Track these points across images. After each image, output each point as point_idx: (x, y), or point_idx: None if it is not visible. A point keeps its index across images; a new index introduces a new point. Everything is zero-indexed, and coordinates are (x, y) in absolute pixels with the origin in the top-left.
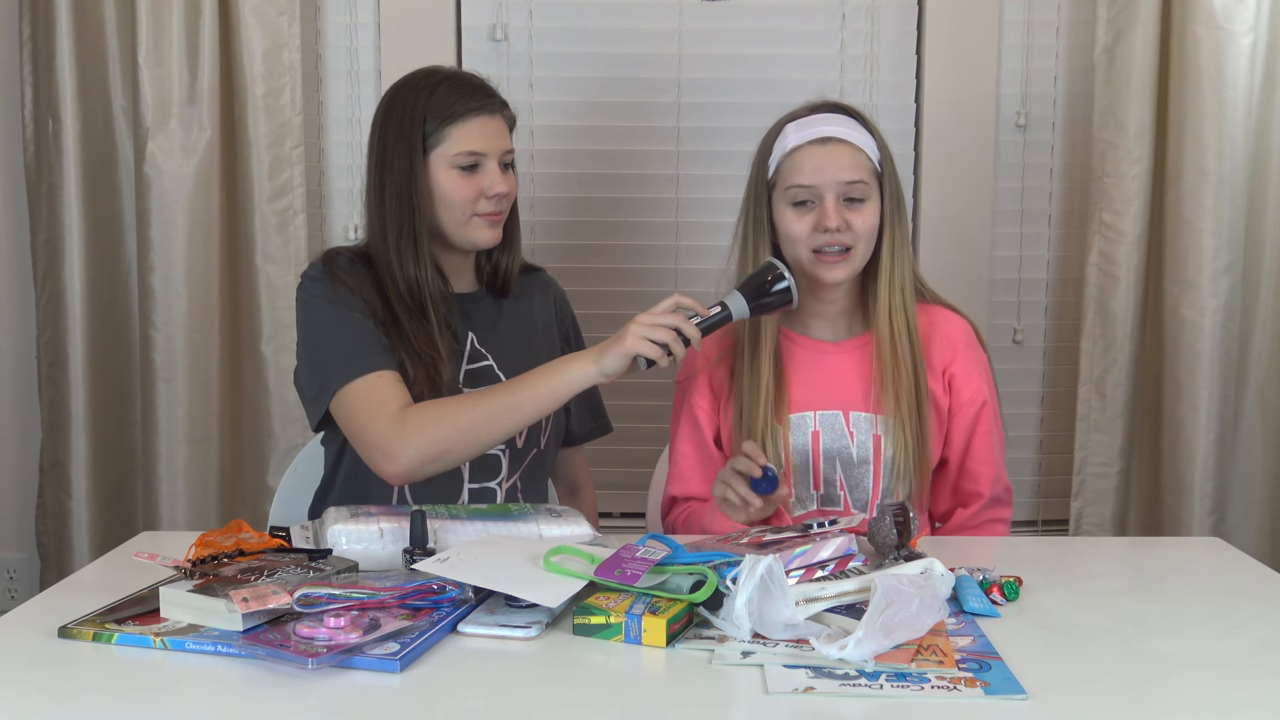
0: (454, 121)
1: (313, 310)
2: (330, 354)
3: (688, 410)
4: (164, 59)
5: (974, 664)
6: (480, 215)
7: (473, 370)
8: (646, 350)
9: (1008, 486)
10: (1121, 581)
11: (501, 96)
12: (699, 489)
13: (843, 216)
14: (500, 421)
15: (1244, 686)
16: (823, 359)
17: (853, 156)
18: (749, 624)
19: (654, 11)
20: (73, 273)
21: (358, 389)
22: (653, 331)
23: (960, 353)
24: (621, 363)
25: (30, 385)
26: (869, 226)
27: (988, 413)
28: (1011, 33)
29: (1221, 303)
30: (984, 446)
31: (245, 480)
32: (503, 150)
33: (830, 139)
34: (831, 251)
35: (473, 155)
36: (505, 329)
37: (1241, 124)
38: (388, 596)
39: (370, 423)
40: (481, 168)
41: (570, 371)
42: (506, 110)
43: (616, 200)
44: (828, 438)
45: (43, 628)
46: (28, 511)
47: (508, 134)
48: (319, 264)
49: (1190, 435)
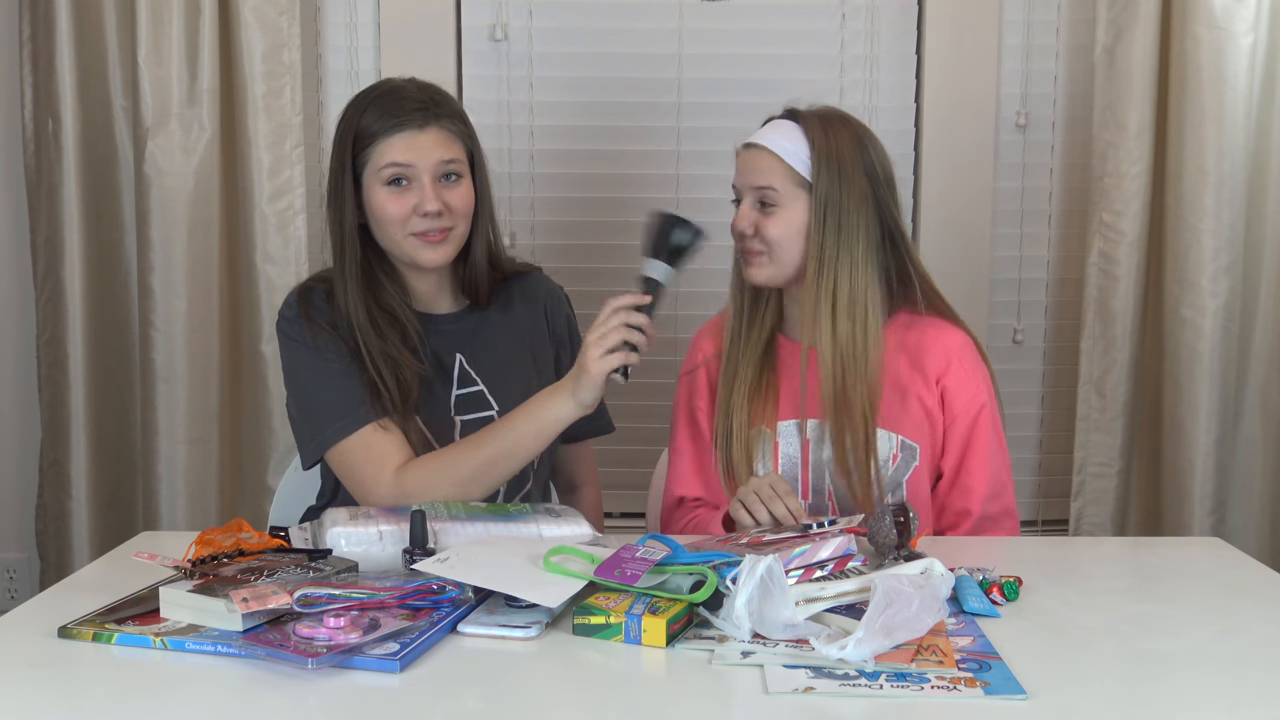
0: (378, 138)
1: (295, 356)
2: (320, 405)
3: (689, 409)
4: (164, 59)
5: (974, 664)
6: (416, 235)
7: (463, 396)
8: (609, 366)
9: (1009, 509)
10: (1121, 581)
11: (446, 106)
12: (700, 490)
13: (754, 220)
14: (498, 468)
15: (1244, 686)
16: (814, 366)
17: (768, 162)
18: (749, 624)
19: (654, 11)
20: (73, 273)
21: (354, 445)
22: (605, 343)
23: (953, 364)
24: (596, 391)
25: (30, 385)
26: (777, 234)
27: (984, 426)
28: (1011, 33)
29: (1221, 303)
30: (979, 461)
31: (245, 480)
32: (436, 161)
33: (753, 144)
34: (750, 251)
35: (397, 168)
36: (493, 346)
37: (1241, 124)
38: (387, 596)
39: (371, 486)
40: (413, 183)
41: (552, 410)
42: (447, 121)
43: (616, 200)
44: (817, 446)
45: (43, 628)
46: (28, 511)
47: (449, 144)
48: (294, 303)
49: (1190, 435)
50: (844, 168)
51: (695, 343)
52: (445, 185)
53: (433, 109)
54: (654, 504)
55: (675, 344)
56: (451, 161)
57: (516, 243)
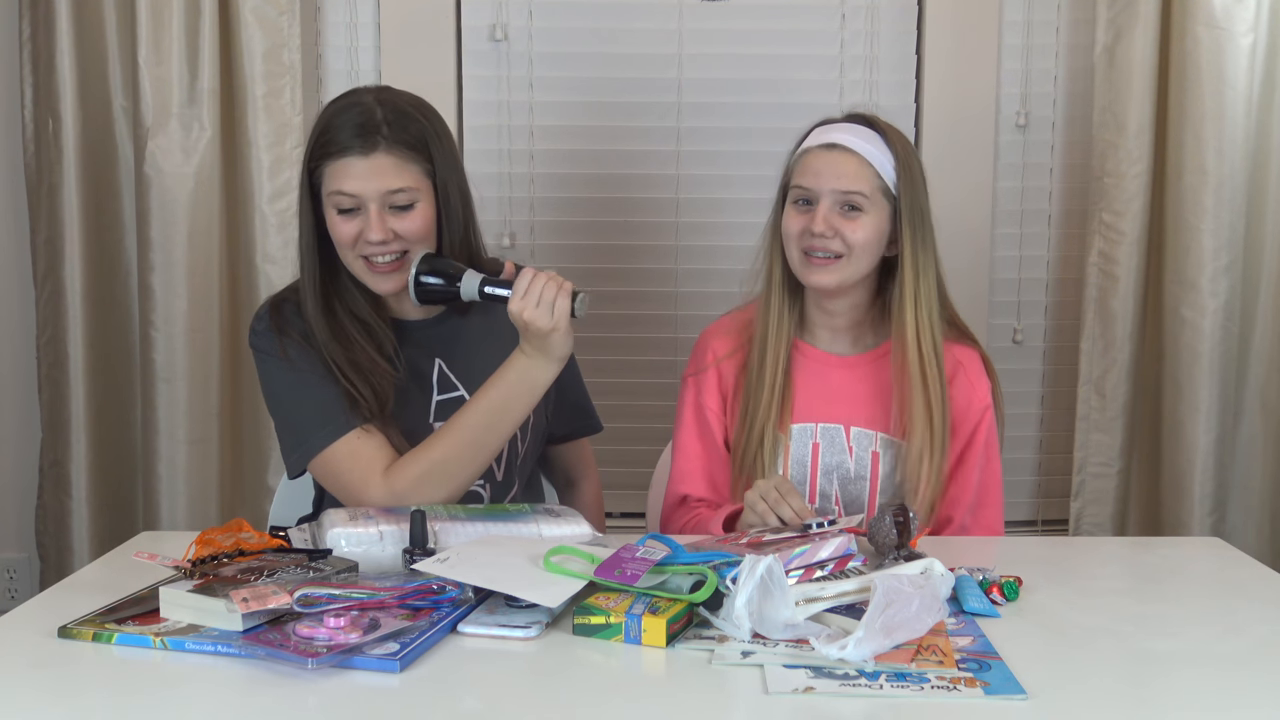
0: (327, 159)
1: (269, 368)
2: (301, 414)
3: (697, 408)
4: (164, 59)
5: (974, 664)
6: (364, 260)
7: (444, 401)
8: (564, 310)
9: (992, 527)
10: (1121, 581)
11: (394, 129)
12: (705, 489)
13: (833, 224)
14: (483, 445)
15: (1244, 686)
16: (830, 371)
17: (856, 166)
18: (749, 624)
19: (654, 11)
20: (73, 272)
21: (339, 452)
22: (546, 297)
23: (957, 375)
24: (568, 344)
25: (30, 385)
26: (861, 238)
27: (980, 439)
28: (1011, 33)
29: (1221, 303)
30: (967, 471)
31: (245, 480)
32: (381, 192)
33: (837, 146)
34: (819, 255)
35: (342, 196)
36: (474, 350)
37: (1241, 124)
38: (388, 596)
39: (360, 491)
40: (361, 210)
41: (530, 373)
42: (394, 146)
43: (616, 200)
44: (827, 451)
45: (43, 628)
46: (28, 511)
47: (396, 172)
48: (265, 316)
49: (1190, 435)
50: (918, 179)
51: (705, 343)
52: (394, 214)
53: (380, 133)
54: (654, 504)
55: (675, 344)
56: (399, 191)
57: (516, 243)
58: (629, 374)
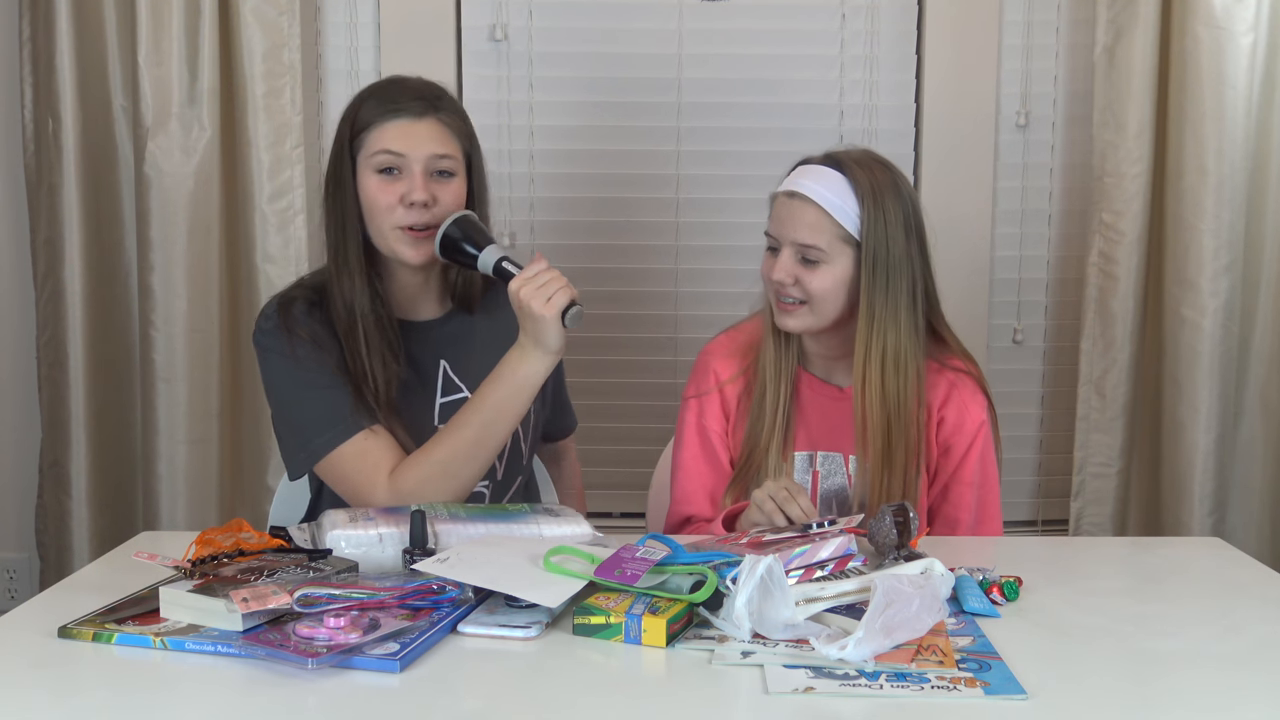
0: (373, 124)
1: (275, 367)
2: (307, 415)
3: (700, 430)
4: (164, 59)
5: (974, 664)
6: (400, 228)
7: (447, 404)
8: (559, 305)
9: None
10: (1121, 581)
11: (447, 103)
12: (710, 510)
13: (793, 272)
14: (485, 443)
15: (1244, 686)
16: (830, 402)
17: (815, 217)
18: (749, 624)
19: (654, 11)
20: (73, 273)
21: (347, 454)
22: (545, 291)
23: (951, 396)
24: (558, 335)
25: (30, 385)
26: (819, 288)
27: (973, 459)
28: (1011, 33)
29: (1221, 303)
30: (963, 489)
31: (245, 480)
32: (429, 154)
33: (797, 195)
34: (786, 301)
35: (388, 154)
36: (480, 351)
37: (1241, 124)
38: (388, 596)
39: (367, 492)
40: (404, 172)
41: (524, 367)
42: (446, 115)
43: (616, 200)
44: (826, 479)
45: (43, 628)
46: (28, 511)
47: (445, 139)
48: (273, 314)
49: (1190, 435)
50: (890, 224)
51: (706, 364)
52: (436, 180)
53: (433, 101)
54: (654, 504)
55: (675, 344)
56: (445, 157)
57: (516, 243)
58: (629, 374)
